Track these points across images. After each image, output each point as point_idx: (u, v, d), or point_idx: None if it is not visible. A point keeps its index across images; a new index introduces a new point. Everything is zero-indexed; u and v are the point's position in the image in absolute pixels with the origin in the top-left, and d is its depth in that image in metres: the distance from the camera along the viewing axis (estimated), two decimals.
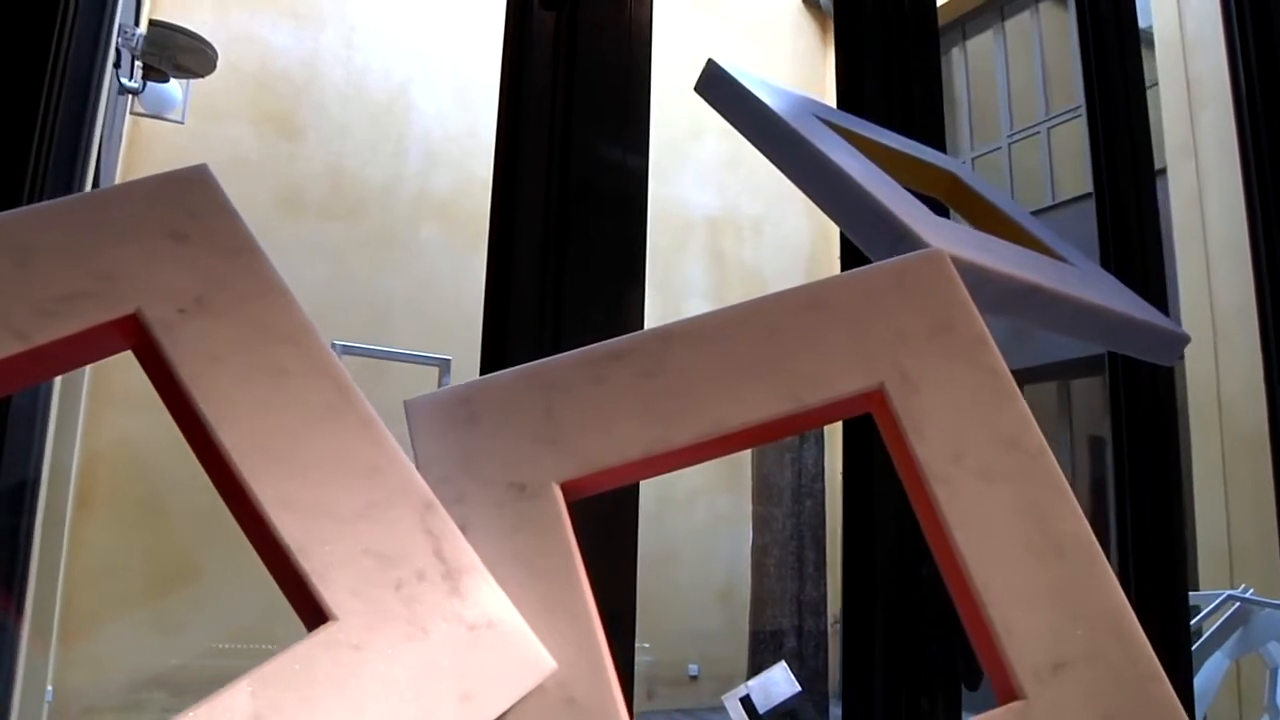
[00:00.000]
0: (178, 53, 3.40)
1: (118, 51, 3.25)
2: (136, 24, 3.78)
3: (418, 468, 0.53)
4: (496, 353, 0.79)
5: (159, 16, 5.24)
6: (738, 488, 8.44)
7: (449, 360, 6.55)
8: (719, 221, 8.36)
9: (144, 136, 5.56)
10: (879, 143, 0.88)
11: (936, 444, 0.52)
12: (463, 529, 0.51)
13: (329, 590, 0.43)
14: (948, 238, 0.63)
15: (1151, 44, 5.59)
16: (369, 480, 0.47)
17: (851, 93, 1.07)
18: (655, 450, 0.52)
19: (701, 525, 8.28)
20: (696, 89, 0.82)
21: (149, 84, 3.58)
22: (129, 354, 0.50)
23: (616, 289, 0.83)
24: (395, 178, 7.12)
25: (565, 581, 0.50)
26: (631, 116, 0.89)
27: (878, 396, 0.54)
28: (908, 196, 0.67)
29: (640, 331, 0.56)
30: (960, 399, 0.53)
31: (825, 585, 6.51)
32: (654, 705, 8.02)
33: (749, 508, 8.72)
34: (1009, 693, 0.48)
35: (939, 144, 1.07)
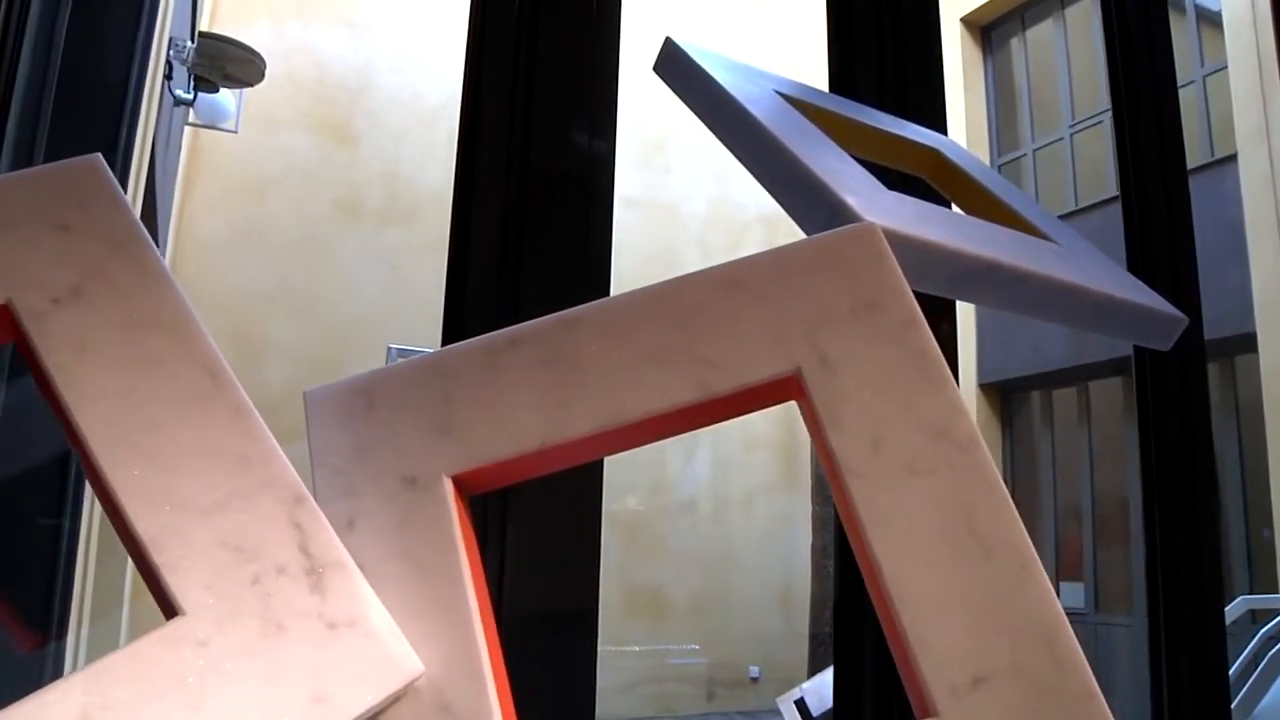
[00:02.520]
0: (227, 63, 3.49)
1: (169, 64, 3.35)
2: (192, 38, 3.90)
3: (312, 460, 0.51)
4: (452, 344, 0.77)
5: (218, 29, 5.40)
6: (796, 487, 8.34)
7: None
8: (774, 220, 8.26)
9: (204, 147, 5.74)
10: (854, 120, 0.84)
11: (854, 432, 0.48)
12: (351, 523, 0.49)
13: (179, 584, 0.42)
14: (894, 213, 0.58)
15: (1220, 25, 5.33)
16: (235, 471, 0.45)
17: (844, 71, 1.02)
18: (551, 441, 0.49)
19: (760, 526, 8.20)
20: (655, 69, 0.79)
21: (201, 94, 3.69)
22: None
23: (578, 278, 0.80)
24: (450, 182, 7.22)
25: (449, 580, 0.47)
26: (597, 98, 0.86)
27: (794, 382, 0.50)
28: (856, 172, 0.63)
29: (545, 317, 0.53)
30: (883, 384, 0.49)
31: None
32: (714, 707, 7.97)
33: (808, 508, 8.60)
34: (923, 709, 0.43)
35: (937, 124, 1.01)
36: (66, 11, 1.41)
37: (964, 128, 7.28)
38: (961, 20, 7.42)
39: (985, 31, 7.52)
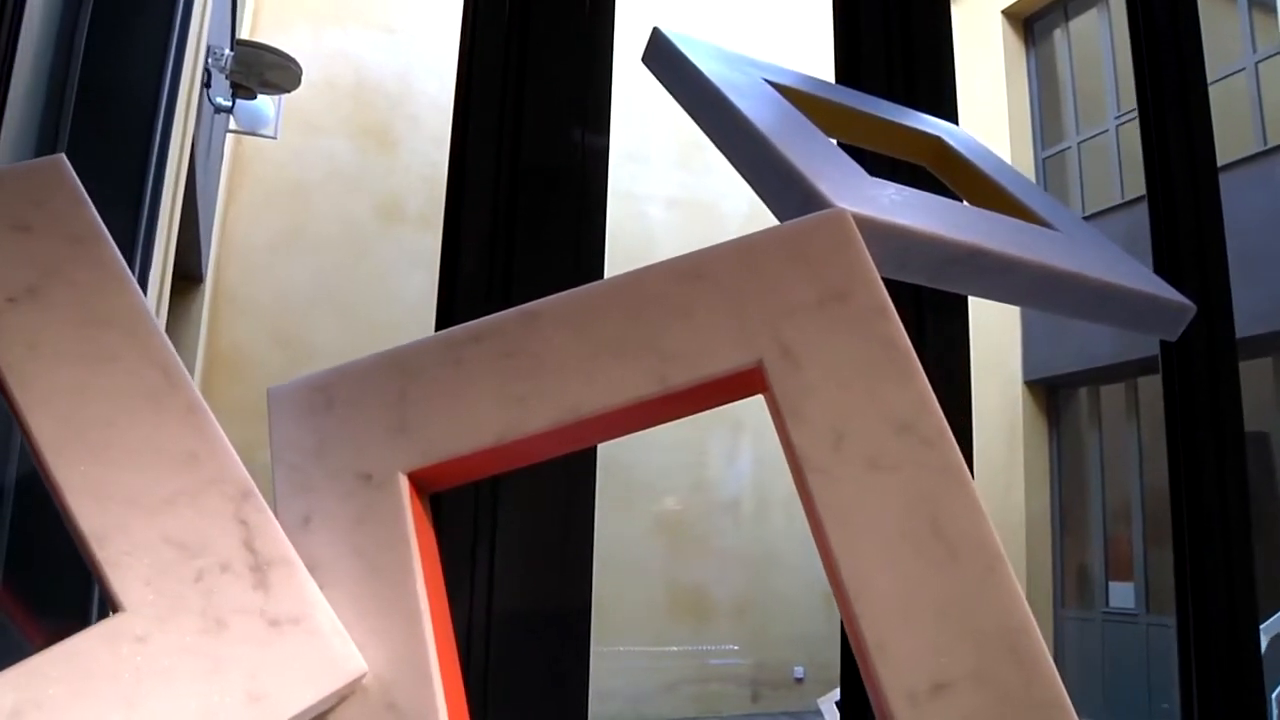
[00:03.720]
0: (264, 69, 3.56)
1: (207, 72, 3.42)
2: (233, 47, 3.98)
3: (272, 457, 0.51)
4: None
5: (258, 37, 5.50)
6: None
7: None
8: None
9: (246, 153, 5.85)
10: (852, 109, 0.82)
11: (815, 426, 0.46)
12: (307, 520, 0.48)
13: (120, 580, 0.41)
14: (870, 199, 0.56)
15: (1274, 9, 5.14)
16: (184, 468, 0.45)
17: (849, 59, 0.99)
18: (507, 438, 0.48)
19: (803, 526, 8.07)
20: (643, 60, 0.78)
21: (240, 101, 3.76)
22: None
23: (572, 275, 0.79)
24: None
25: (400, 579, 0.46)
26: (592, 91, 0.85)
27: (757, 374, 0.48)
28: (837, 159, 0.61)
29: (508, 310, 0.52)
30: (847, 375, 0.47)
31: None
32: (759, 707, 7.92)
33: None
34: (883, 717, 0.42)
35: (947, 112, 0.98)
36: (86, 21, 1.43)
37: (1007, 121, 7.13)
38: (1003, 13, 7.26)
39: (1027, 23, 7.34)
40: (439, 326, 0.80)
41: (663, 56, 0.75)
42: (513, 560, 0.77)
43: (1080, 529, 6.79)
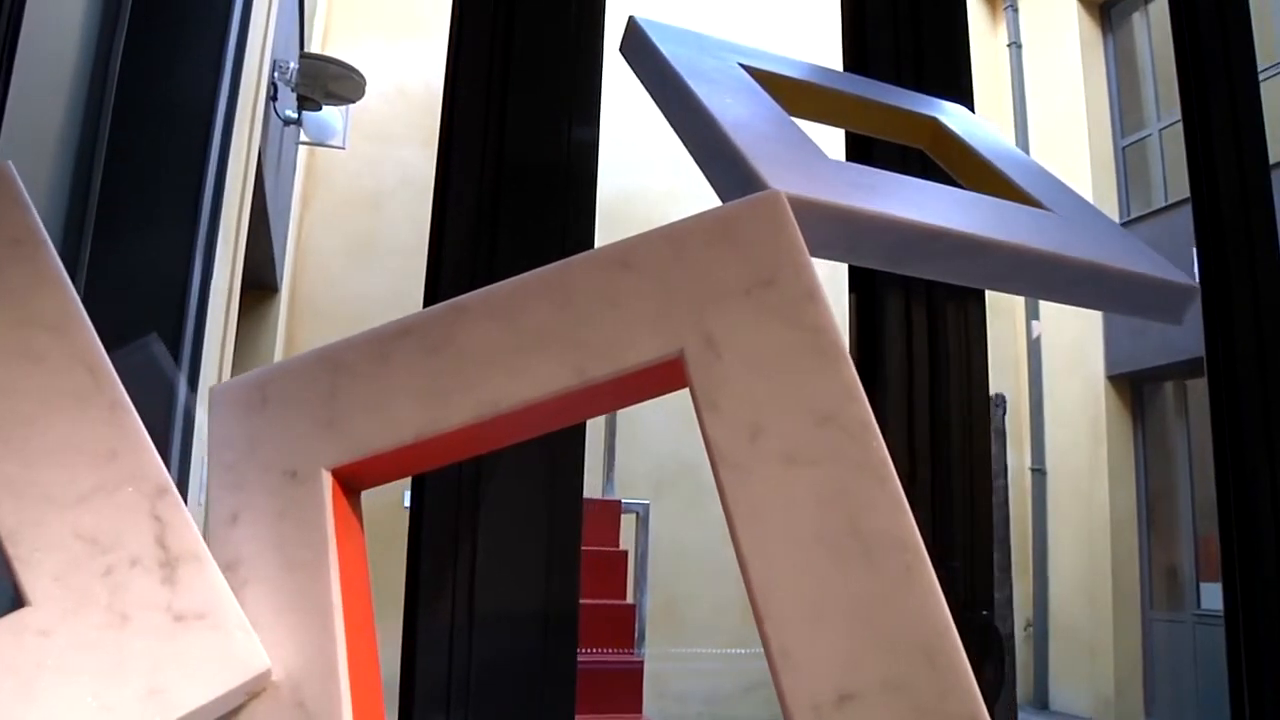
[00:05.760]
0: (328, 81, 3.66)
1: (273, 85, 3.53)
2: (300, 60, 4.10)
3: (208, 455, 0.51)
4: None
5: (330, 49, 5.65)
6: None
7: None
8: None
9: (319, 164, 6.02)
10: (840, 91, 0.78)
11: (731, 418, 0.44)
12: (235, 517, 0.48)
13: (28, 575, 0.42)
14: (820, 181, 0.54)
15: None
16: (102, 465, 0.45)
17: (855, 43, 0.95)
18: (428, 433, 0.48)
19: None
20: (621, 50, 0.76)
21: (306, 113, 3.87)
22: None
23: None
24: None
25: (316, 577, 0.46)
26: (580, 82, 0.83)
27: (679, 366, 0.46)
28: (794, 140, 0.58)
29: (436, 305, 0.51)
30: (769, 365, 0.44)
31: (1011, 589, 6.08)
32: None
33: None
34: None
35: (961, 95, 0.92)
36: (121, 41, 1.49)
37: (1084, 111, 6.82)
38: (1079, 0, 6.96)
39: (1104, 9, 7.01)
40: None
41: (637, 46, 0.73)
42: (496, 559, 0.76)
43: (1168, 528, 6.45)
